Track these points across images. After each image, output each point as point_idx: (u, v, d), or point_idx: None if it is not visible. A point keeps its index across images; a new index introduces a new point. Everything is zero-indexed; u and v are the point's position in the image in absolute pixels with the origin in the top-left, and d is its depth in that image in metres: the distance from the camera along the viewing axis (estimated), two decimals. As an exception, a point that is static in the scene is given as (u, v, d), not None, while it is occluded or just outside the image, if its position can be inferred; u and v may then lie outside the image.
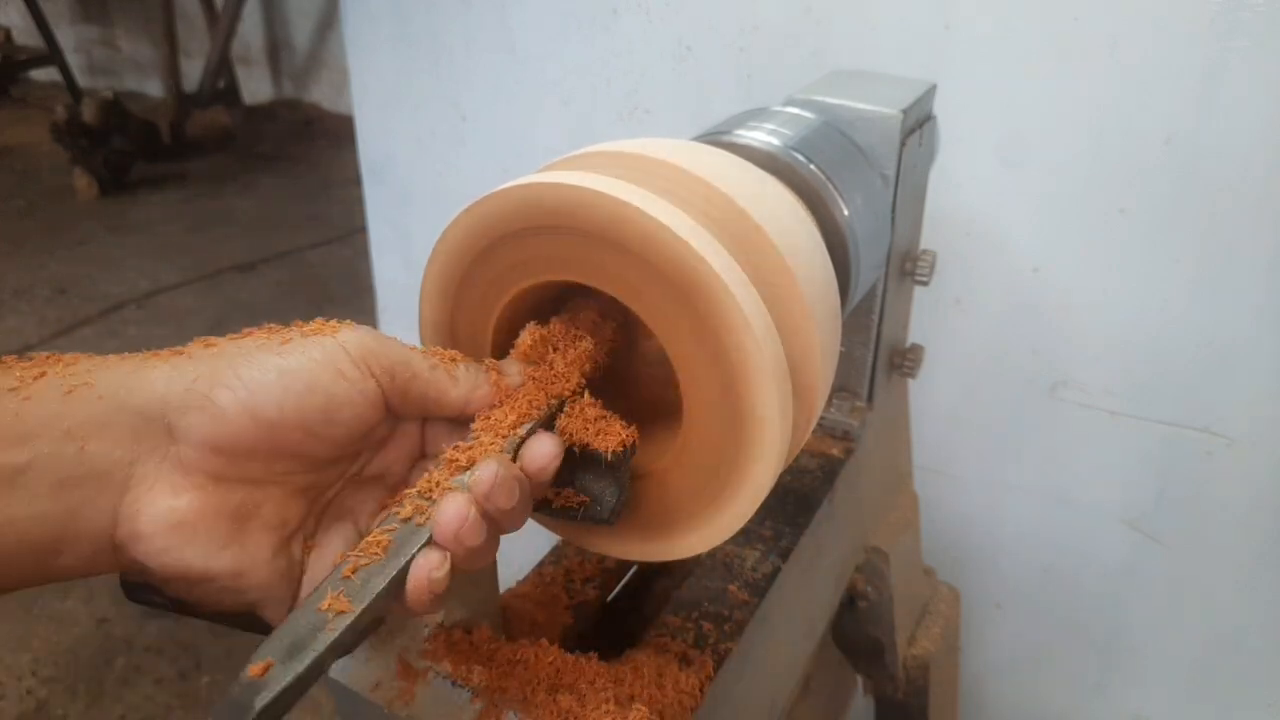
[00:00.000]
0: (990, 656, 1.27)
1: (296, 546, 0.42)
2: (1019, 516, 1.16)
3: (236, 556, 0.39)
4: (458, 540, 0.40)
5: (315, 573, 0.42)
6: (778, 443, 0.44)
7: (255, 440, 0.39)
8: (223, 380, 0.38)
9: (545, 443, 0.44)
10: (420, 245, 1.50)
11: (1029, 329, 1.05)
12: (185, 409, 0.38)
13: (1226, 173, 0.89)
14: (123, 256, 3.34)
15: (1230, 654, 1.11)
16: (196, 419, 0.38)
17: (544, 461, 0.43)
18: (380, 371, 0.42)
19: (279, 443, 0.40)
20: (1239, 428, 0.99)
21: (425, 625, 0.52)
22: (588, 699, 0.49)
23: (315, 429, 0.40)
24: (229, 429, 0.38)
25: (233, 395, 0.38)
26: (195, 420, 0.38)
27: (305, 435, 0.40)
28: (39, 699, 1.69)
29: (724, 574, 0.64)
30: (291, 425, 0.39)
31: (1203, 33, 0.85)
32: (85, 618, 1.86)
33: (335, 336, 0.41)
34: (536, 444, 0.44)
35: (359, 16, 1.38)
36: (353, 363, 0.41)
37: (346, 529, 0.44)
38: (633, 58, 1.15)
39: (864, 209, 0.64)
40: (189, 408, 0.38)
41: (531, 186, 0.44)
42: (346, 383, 0.40)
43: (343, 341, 0.41)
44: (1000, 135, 0.97)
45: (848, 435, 0.78)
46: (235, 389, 0.38)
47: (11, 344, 2.77)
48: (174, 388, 0.38)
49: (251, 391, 0.38)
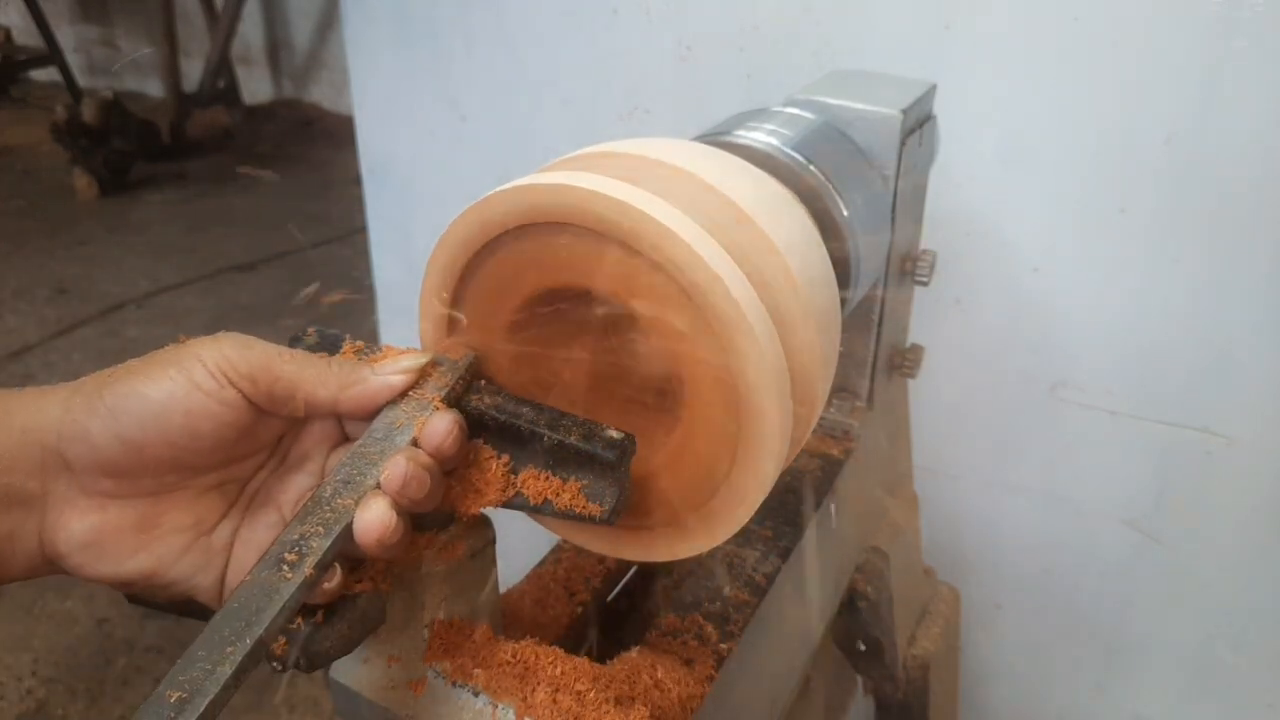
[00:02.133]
0: (990, 656, 1.26)
1: (220, 537, 0.45)
2: (1019, 516, 1.16)
3: (144, 562, 0.43)
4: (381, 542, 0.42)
5: (241, 557, 0.45)
6: (778, 443, 0.44)
7: (130, 462, 0.42)
8: (94, 410, 0.41)
9: (440, 419, 0.45)
10: (420, 245, 1.50)
11: (1029, 329, 1.05)
12: (71, 440, 0.41)
13: (1226, 173, 0.89)
14: (123, 256, 3.34)
15: (1230, 654, 1.11)
16: (79, 448, 0.41)
17: (439, 439, 0.45)
18: (239, 379, 0.43)
19: (152, 460, 0.42)
20: (1239, 428, 0.99)
21: (425, 625, 0.52)
22: (588, 699, 0.49)
23: (181, 443, 0.43)
24: (105, 455, 0.41)
25: (101, 423, 0.41)
26: (79, 449, 0.41)
27: (175, 450, 0.43)
28: (39, 699, 1.69)
29: (724, 574, 0.64)
30: (157, 443, 0.42)
31: (1203, 33, 0.85)
32: (85, 618, 1.86)
33: (193, 349, 0.43)
34: (433, 421, 0.45)
35: (359, 16, 1.38)
36: (209, 374, 0.43)
37: (271, 515, 0.47)
38: (633, 58, 1.15)
39: (864, 209, 0.63)
40: (73, 438, 0.41)
41: (532, 188, 0.44)
42: (203, 395, 0.42)
43: (199, 355, 0.43)
44: (1000, 135, 0.97)
45: (848, 435, 0.78)
46: (103, 417, 0.41)
47: (12, 344, 2.77)
48: (64, 421, 0.41)
49: (116, 417, 0.41)
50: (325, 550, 0.40)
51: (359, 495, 0.42)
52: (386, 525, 0.41)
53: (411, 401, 0.46)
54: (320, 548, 0.40)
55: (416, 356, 0.47)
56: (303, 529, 0.41)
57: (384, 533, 0.41)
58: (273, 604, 0.38)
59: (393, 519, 0.42)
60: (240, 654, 0.37)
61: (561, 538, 0.60)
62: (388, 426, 0.45)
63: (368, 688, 0.52)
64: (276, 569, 0.40)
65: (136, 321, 2.94)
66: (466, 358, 0.49)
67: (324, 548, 0.40)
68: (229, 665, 0.36)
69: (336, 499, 0.42)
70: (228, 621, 0.38)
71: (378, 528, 0.41)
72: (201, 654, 0.37)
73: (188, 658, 0.37)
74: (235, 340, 0.44)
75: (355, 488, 0.43)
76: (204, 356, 0.43)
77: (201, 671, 0.36)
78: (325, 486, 0.43)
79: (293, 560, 0.40)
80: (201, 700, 0.35)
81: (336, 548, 0.41)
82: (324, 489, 0.43)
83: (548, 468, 0.47)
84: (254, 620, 0.38)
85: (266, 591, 0.39)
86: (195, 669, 0.36)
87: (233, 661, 0.36)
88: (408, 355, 0.48)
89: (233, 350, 0.43)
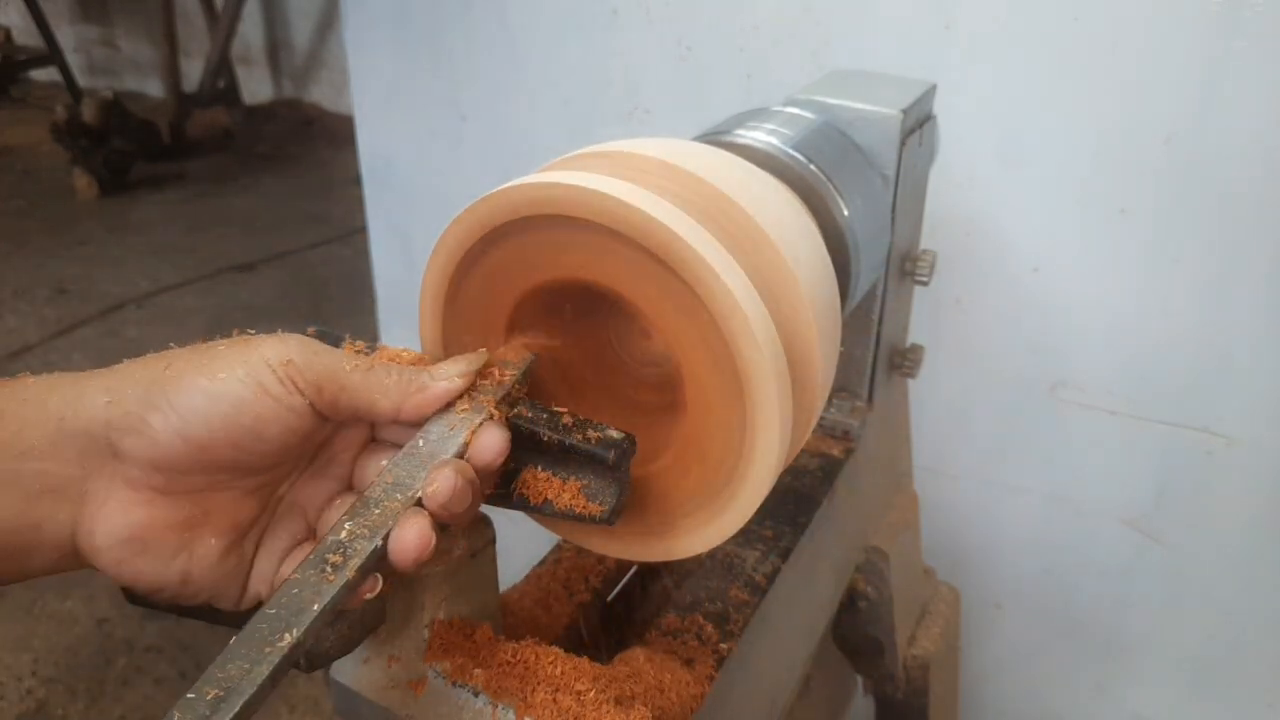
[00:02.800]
0: (990, 656, 1.26)
1: (250, 543, 0.45)
2: (1019, 516, 1.16)
3: (185, 564, 0.42)
4: (418, 563, 0.41)
5: (262, 567, 0.44)
6: (778, 443, 0.44)
7: (189, 459, 0.41)
8: (155, 404, 0.40)
9: (492, 436, 0.44)
10: (420, 245, 1.50)
11: (1029, 329, 1.05)
12: (125, 431, 0.40)
13: (1226, 173, 0.89)
14: (123, 256, 3.34)
15: (1230, 654, 1.11)
16: (135, 441, 0.40)
17: (490, 456, 0.44)
18: (306, 386, 0.42)
19: (213, 460, 0.41)
20: (1239, 428, 0.99)
21: (425, 625, 0.52)
22: (588, 699, 0.49)
23: (245, 445, 0.42)
24: (164, 451, 0.40)
25: (164, 419, 0.40)
26: (134, 442, 0.40)
27: (237, 452, 0.42)
28: (39, 699, 1.69)
29: (724, 574, 0.64)
30: (222, 444, 0.41)
31: (1203, 33, 0.85)
32: (85, 618, 1.86)
33: (260, 352, 0.42)
34: (485, 436, 0.44)
35: (359, 16, 1.38)
36: (278, 380, 0.42)
37: (296, 523, 0.46)
38: (633, 58, 1.16)
39: (864, 209, 0.63)
40: (128, 430, 0.40)
41: (531, 186, 0.44)
42: (272, 400, 0.41)
43: (267, 358, 0.42)
44: (1000, 135, 0.97)
45: (848, 435, 0.78)
46: (166, 413, 0.40)
47: (12, 344, 2.78)
48: (114, 410, 0.40)
49: (181, 415, 0.40)
50: (370, 554, 0.40)
51: (406, 499, 0.42)
52: (427, 544, 0.41)
53: (465, 403, 0.46)
54: (365, 550, 0.40)
55: (473, 359, 0.47)
56: (349, 528, 0.41)
57: (422, 551, 0.41)
58: (314, 606, 0.38)
59: (432, 538, 0.41)
60: (278, 655, 0.36)
61: (561, 537, 0.60)
62: (439, 431, 0.44)
63: (368, 688, 0.52)
64: (320, 569, 0.39)
65: (136, 321, 2.94)
66: (525, 359, 0.49)
67: (369, 550, 0.40)
68: (266, 665, 0.36)
69: (386, 501, 0.42)
70: (268, 620, 0.37)
71: (416, 546, 0.40)
72: (241, 652, 0.36)
73: (227, 655, 0.36)
74: (301, 344, 0.43)
75: (405, 490, 0.42)
76: (272, 360, 0.42)
77: (239, 670, 0.36)
78: (375, 488, 0.42)
79: (336, 562, 0.39)
80: (237, 700, 0.35)
81: (381, 553, 0.41)
82: (373, 490, 0.42)
83: (548, 468, 0.47)
84: (294, 621, 0.37)
85: (309, 592, 0.38)
86: (233, 667, 0.36)
87: (270, 662, 0.36)
88: (464, 358, 0.47)
89: (299, 356, 0.42)
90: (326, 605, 0.38)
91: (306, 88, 4.75)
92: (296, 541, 0.45)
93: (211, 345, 0.43)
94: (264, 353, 0.42)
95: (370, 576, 0.41)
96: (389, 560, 0.41)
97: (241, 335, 0.44)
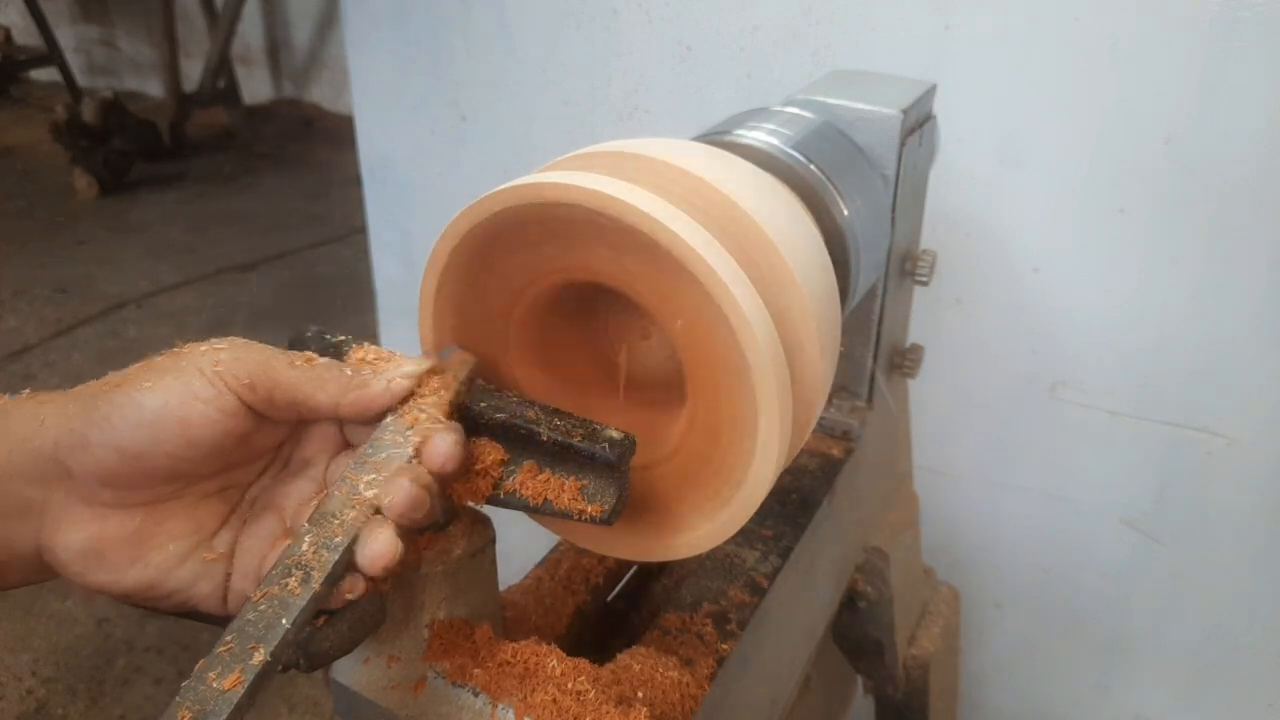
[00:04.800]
0: (990, 656, 1.27)
1: (221, 543, 0.45)
2: (1019, 516, 1.16)
3: (143, 573, 0.43)
4: (387, 570, 0.41)
5: (243, 564, 0.45)
6: (778, 443, 0.44)
7: (129, 471, 0.42)
8: (92, 420, 0.41)
9: (443, 441, 0.44)
10: (420, 245, 1.50)
11: (1029, 329, 1.05)
12: (71, 449, 0.41)
13: (1226, 173, 0.89)
14: (123, 256, 3.34)
15: (1230, 654, 1.11)
16: (81, 458, 0.41)
17: (441, 461, 0.44)
18: (237, 384, 0.43)
19: (151, 469, 0.42)
20: (1239, 428, 0.99)
21: (425, 625, 0.52)
22: (588, 699, 0.49)
23: (178, 452, 0.42)
24: (104, 465, 0.41)
25: (100, 433, 0.41)
26: (80, 460, 0.41)
27: (173, 460, 0.42)
28: (39, 699, 1.69)
29: (724, 574, 0.64)
30: (155, 454, 0.42)
31: (1203, 33, 0.85)
32: (85, 618, 1.86)
33: (191, 357, 0.43)
34: (436, 442, 0.44)
35: (359, 16, 1.38)
36: (207, 381, 0.42)
37: (272, 521, 0.46)
38: (633, 58, 1.15)
39: (864, 209, 0.63)
40: (73, 448, 0.41)
41: (532, 186, 0.44)
42: (201, 403, 0.42)
43: (196, 363, 0.43)
44: (1000, 135, 0.97)
45: (848, 435, 0.78)
46: (102, 427, 0.41)
47: (12, 344, 2.77)
48: (61, 430, 0.41)
49: (114, 427, 0.41)
50: (333, 565, 0.40)
51: (365, 509, 0.42)
52: (394, 554, 0.41)
53: (415, 408, 0.46)
54: (329, 561, 0.40)
55: (418, 363, 0.47)
56: (309, 540, 0.41)
57: (391, 561, 0.41)
58: (282, 621, 0.38)
59: (399, 547, 0.41)
60: (250, 674, 0.36)
61: (561, 538, 0.60)
62: (391, 437, 0.44)
63: (368, 688, 0.52)
64: (284, 584, 0.39)
65: (136, 321, 2.94)
66: (467, 365, 0.49)
67: (331, 562, 0.40)
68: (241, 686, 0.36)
69: (343, 511, 0.42)
70: (237, 639, 0.37)
71: (385, 557, 0.41)
72: (211, 674, 0.36)
73: (198, 676, 0.36)
74: (233, 345, 0.44)
75: (359, 498, 0.42)
76: (201, 363, 0.43)
77: (213, 692, 0.36)
78: (329, 499, 0.42)
79: (301, 576, 0.40)
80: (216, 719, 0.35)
81: (345, 561, 0.41)
82: (329, 502, 0.42)
83: (548, 468, 0.47)
84: (264, 637, 0.38)
85: (276, 608, 0.39)
86: (205, 688, 0.36)
87: (245, 680, 0.36)
88: (409, 361, 0.47)
89: (229, 355, 0.43)
90: (297, 619, 0.38)
91: (306, 88, 4.74)
92: (275, 540, 0.46)
93: (153, 358, 0.44)
94: (195, 358, 0.43)
95: (348, 578, 0.41)
96: (359, 570, 0.41)
97: (182, 346, 0.44)
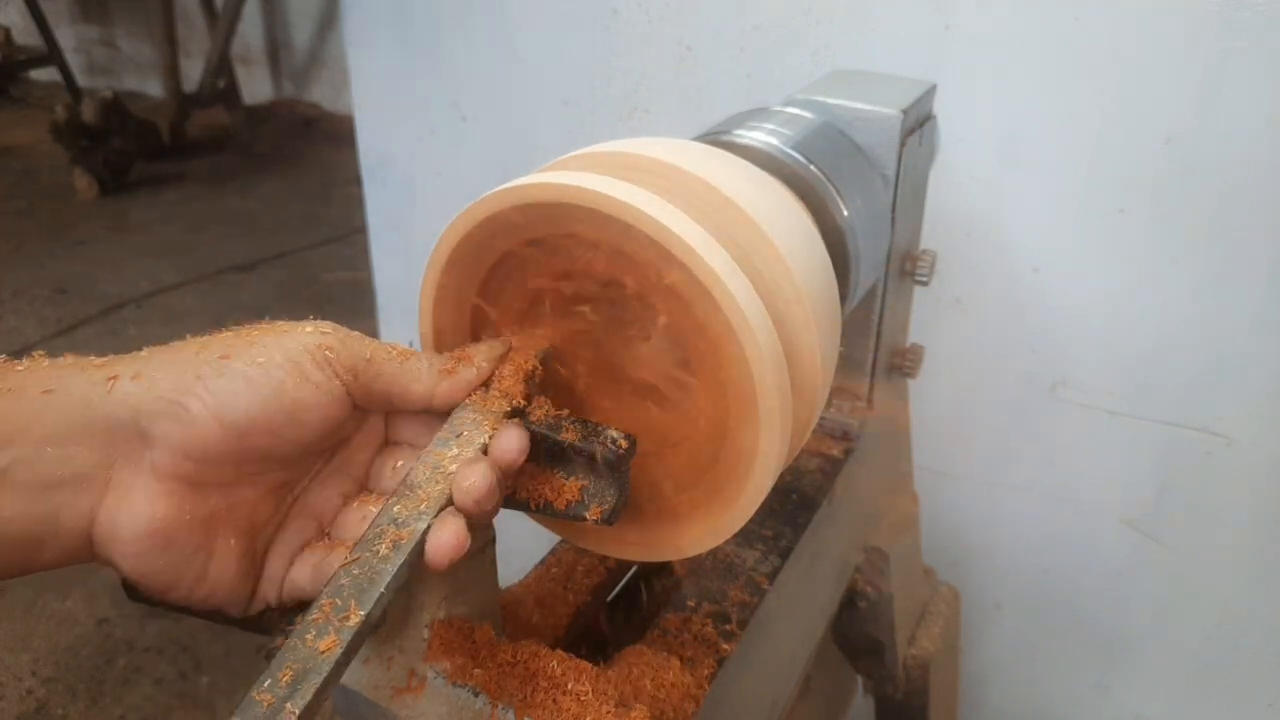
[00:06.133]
0: (990, 656, 1.27)
1: (261, 545, 0.44)
2: (1019, 516, 1.16)
3: (203, 564, 0.41)
4: (452, 563, 0.41)
5: (272, 568, 0.44)
6: (778, 442, 0.44)
7: (225, 446, 0.40)
8: (192, 389, 0.39)
9: (512, 437, 0.44)
10: (420, 245, 1.50)
11: (1029, 329, 1.05)
12: (157, 416, 0.39)
13: (1226, 173, 0.89)
14: (123, 256, 3.34)
15: (1230, 654, 1.11)
16: (169, 426, 0.39)
17: (513, 456, 0.44)
18: (344, 370, 0.42)
19: (248, 447, 0.41)
20: (1239, 428, 0.99)
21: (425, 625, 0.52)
22: (588, 699, 0.49)
23: (282, 432, 0.41)
24: (200, 436, 0.39)
25: (202, 403, 0.39)
26: (168, 428, 0.39)
27: (273, 438, 0.41)
28: (39, 699, 1.69)
29: (724, 574, 0.64)
30: (260, 430, 0.40)
31: (1203, 33, 0.85)
32: (85, 618, 1.86)
33: (298, 337, 0.42)
34: (504, 438, 0.44)
35: (359, 16, 1.38)
36: (316, 365, 0.42)
37: (307, 524, 0.45)
38: (633, 58, 1.15)
39: (864, 209, 0.63)
40: (161, 415, 0.39)
41: (531, 187, 0.44)
42: (311, 385, 0.41)
43: (305, 343, 0.42)
44: (1000, 135, 0.97)
45: (848, 435, 0.78)
46: (204, 397, 0.39)
47: (12, 344, 2.77)
48: (145, 395, 0.39)
49: (220, 399, 0.39)
50: (421, 534, 0.40)
51: (448, 483, 0.42)
52: (463, 544, 0.41)
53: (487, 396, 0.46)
54: (417, 531, 0.40)
55: (494, 346, 0.47)
56: (399, 508, 0.41)
57: (458, 551, 0.41)
58: (377, 583, 0.38)
59: (468, 538, 0.41)
60: (347, 635, 0.37)
61: (561, 538, 0.60)
62: (472, 417, 0.45)
63: (368, 688, 0.52)
64: (376, 549, 0.40)
65: (136, 321, 2.94)
66: (541, 349, 0.49)
67: (420, 530, 0.40)
68: (338, 647, 0.36)
69: (427, 486, 0.42)
70: (333, 602, 0.38)
71: (453, 547, 0.40)
72: (309, 635, 0.37)
73: (298, 635, 0.37)
74: (337, 330, 0.43)
75: (445, 474, 0.43)
76: (310, 345, 0.42)
77: (311, 651, 0.36)
78: (415, 472, 0.43)
79: (391, 541, 0.40)
80: (316, 679, 0.35)
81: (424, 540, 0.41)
82: (414, 474, 0.43)
83: (548, 468, 0.47)
84: (360, 598, 0.38)
85: (369, 571, 0.39)
86: (304, 648, 0.36)
87: (341, 642, 0.36)
88: (485, 345, 0.48)
89: (337, 340, 0.43)
90: (390, 582, 0.39)
91: (306, 88, 4.75)
92: (305, 543, 0.45)
93: (247, 330, 0.43)
94: (302, 338, 0.42)
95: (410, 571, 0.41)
96: (423, 559, 0.41)
97: (274, 322, 0.44)
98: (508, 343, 0.48)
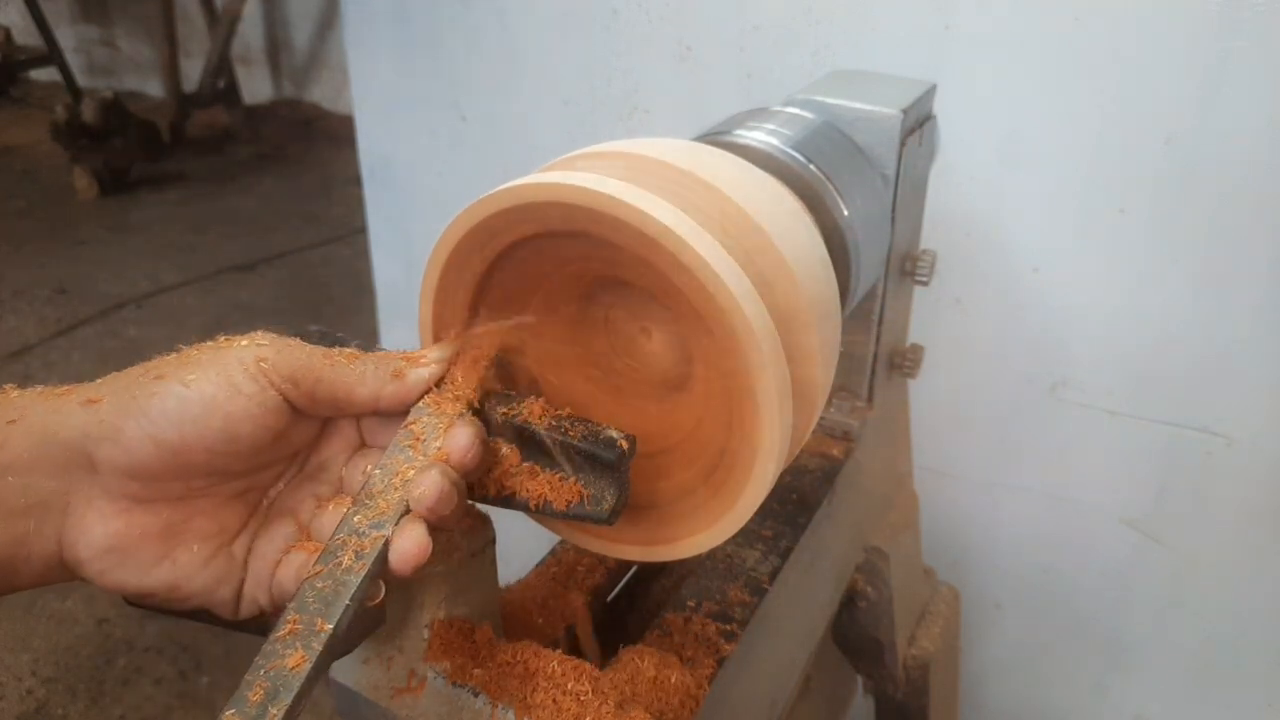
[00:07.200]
0: (990, 656, 1.27)
1: (240, 547, 0.45)
2: (1019, 516, 1.16)
3: (169, 572, 0.42)
4: (416, 569, 0.41)
5: (257, 570, 0.44)
6: (778, 442, 0.44)
7: (163, 464, 0.41)
8: (128, 411, 0.40)
9: (460, 435, 0.44)
10: (420, 245, 1.50)
11: (1029, 329, 1.05)
12: (100, 441, 0.40)
13: (1226, 173, 0.89)
14: (123, 256, 3.34)
15: (1230, 654, 1.11)
16: (110, 450, 0.40)
17: (463, 455, 0.44)
18: (280, 380, 0.43)
19: (187, 464, 0.41)
20: (1239, 428, 0.99)
21: (425, 625, 0.52)
22: (588, 700, 0.49)
23: (218, 448, 0.42)
24: (138, 457, 0.40)
25: (137, 424, 0.40)
26: (110, 451, 0.40)
27: (211, 455, 0.42)
28: (39, 699, 1.69)
29: (724, 574, 0.64)
30: (195, 448, 0.41)
31: (1203, 33, 0.85)
32: (85, 618, 1.86)
33: (233, 352, 0.43)
34: (453, 437, 0.44)
35: (359, 16, 1.38)
36: (250, 377, 0.42)
37: (287, 526, 0.46)
38: (633, 58, 1.15)
39: (864, 209, 0.63)
40: (104, 439, 0.40)
41: (531, 187, 0.44)
42: (244, 398, 0.42)
43: (240, 357, 0.42)
44: (1000, 135, 0.97)
45: (848, 435, 0.78)
46: (139, 418, 0.40)
47: (12, 344, 2.77)
48: (90, 420, 0.40)
49: (153, 420, 0.40)
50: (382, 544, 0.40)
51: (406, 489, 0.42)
52: (424, 550, 0.41)
53: (447, 394, 0.46)
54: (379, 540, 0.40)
55: (444, 346, 0.47)
56: (359, 519, 0.41)
57: (420, 557, 0.41)
58: (341, 596, 0.38)
59: (429, 543, 0.41)
60: (315, 651, 0.37)
61: (561, 538, 0.60)
62: (413, 432, 0.45)
63: (368, 688, 0.52)
64: (339, 561, 0.40)
65: (136, 321, 2.94)
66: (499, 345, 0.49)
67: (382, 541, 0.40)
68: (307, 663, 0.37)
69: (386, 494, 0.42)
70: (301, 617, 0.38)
71: (415, 554, 0.41)
72: (277, 653, 0.37)
73: (265, 655, 0.37)
74: (274, 341, 0.44)
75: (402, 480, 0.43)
76: (243, 358, 0.42)
77: (281, 670, 0.36)
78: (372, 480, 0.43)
79: (354, 553, 0.40)
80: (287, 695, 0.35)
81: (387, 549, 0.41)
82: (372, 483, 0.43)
83: (548, 468, 0.47)
84: (326, 613, 0.38)
85: (333, 585, 0.39)
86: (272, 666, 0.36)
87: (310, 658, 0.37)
88: (436, 346, 0.47)
89: (272, 351, 0.43)
90: (355, 594, 0.39)
91: (306, 88, 4.74)
92: (290, 545, 0.45)
93: (190, 350, 0.43)
94: (237, 353, 0.42)
95: (374, 582, 0.41)
96: (389, 568, 0.41)
97: (221, 339, 0.44)
98: (458, 342, 0.48)
